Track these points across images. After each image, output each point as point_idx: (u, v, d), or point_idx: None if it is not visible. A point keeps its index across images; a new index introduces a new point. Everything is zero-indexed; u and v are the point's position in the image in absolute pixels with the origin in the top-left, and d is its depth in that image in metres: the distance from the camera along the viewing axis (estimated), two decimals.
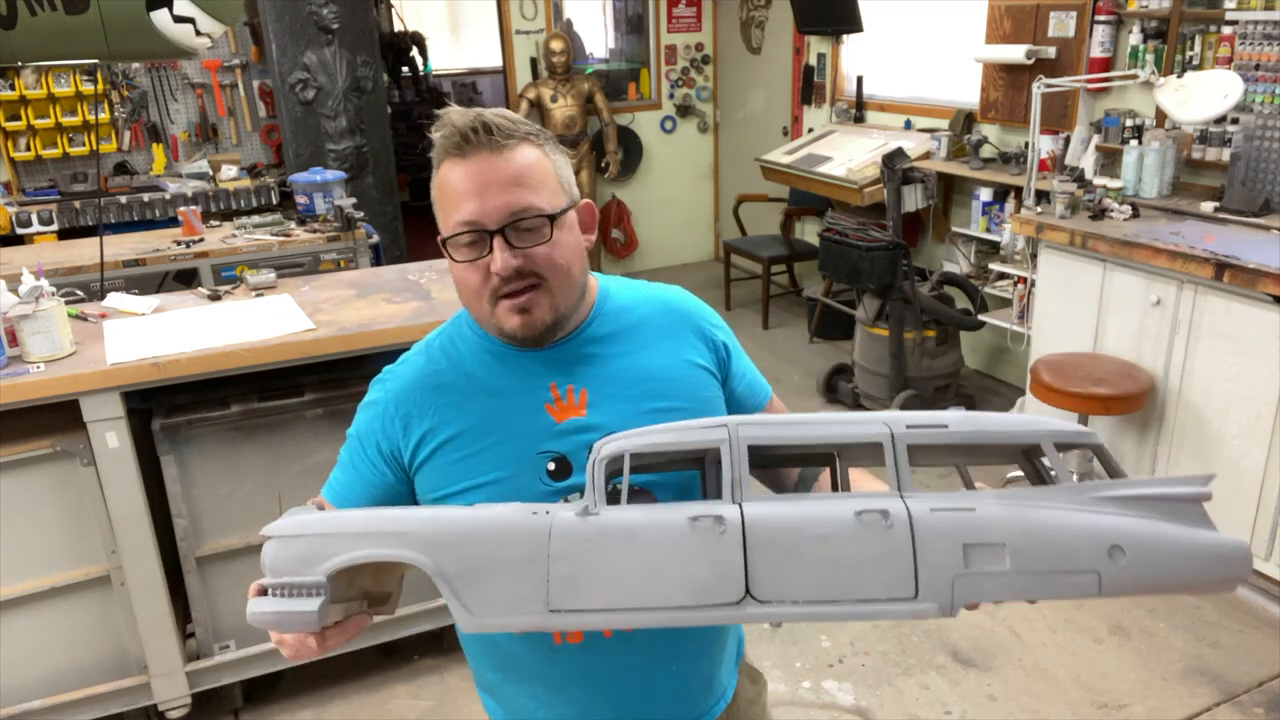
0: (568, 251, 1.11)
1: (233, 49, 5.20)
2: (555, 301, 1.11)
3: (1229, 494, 2.94)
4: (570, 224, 1.13)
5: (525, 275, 1.08)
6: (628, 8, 6.52)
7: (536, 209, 1.07)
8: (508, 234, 1.06)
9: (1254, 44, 3.24)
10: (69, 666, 2.37)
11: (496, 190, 1.06)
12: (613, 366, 1.18)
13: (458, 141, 1.07)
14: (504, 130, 1.07)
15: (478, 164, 1.06)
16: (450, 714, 2.59)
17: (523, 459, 1.14)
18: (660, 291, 1.29)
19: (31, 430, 2.22)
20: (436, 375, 1.21)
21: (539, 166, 1.09)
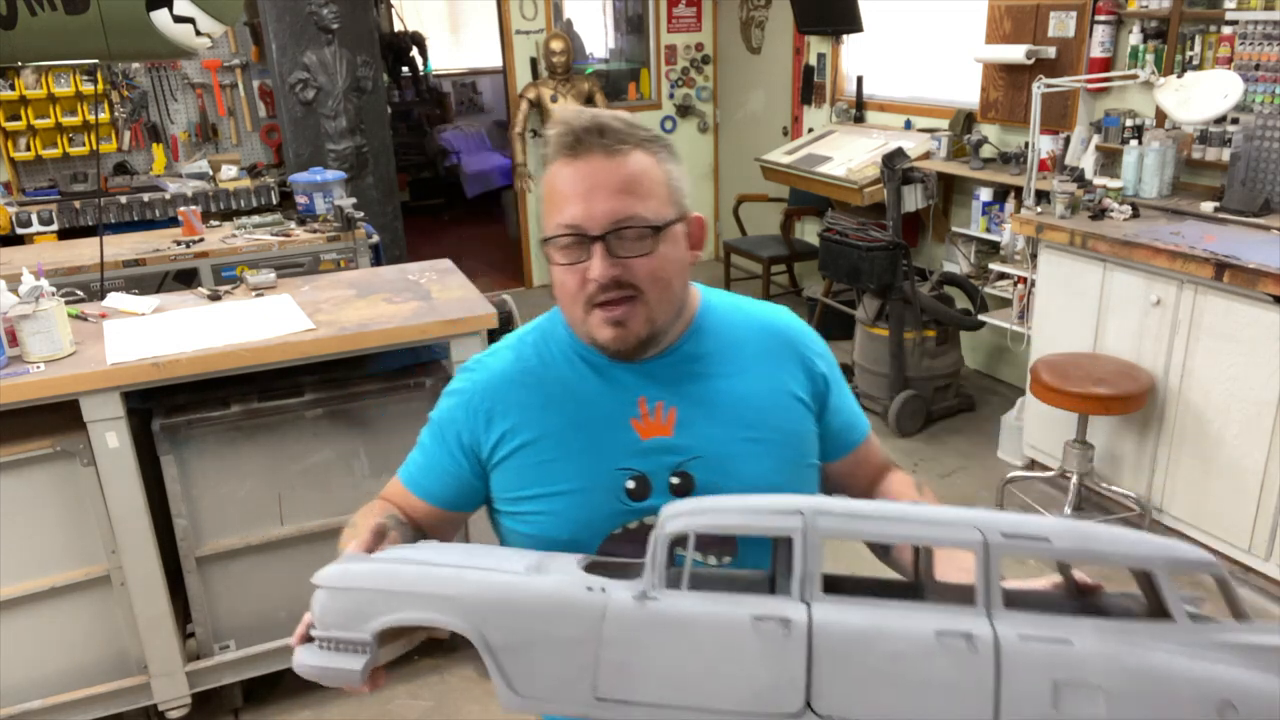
0: (670, 266, 1.08)
1: (233, 49, 5.20)
2: (651, 315, 1.08)
3: (1229, 494, 2.94)
4: (677, 237, 1.09)
5: (623, 286, 1.05)
6: (628, 8, 6.52)
7: (641, 219, 1.04)
8: (609, 241, 1.04)
9: (1254, 44, 3.24)
10: (69, 666, 2.37)
11: (603, 195, 1.03)
12: (706, 387, 1.14)
13: (571, 142, 1.04)
14: (618, 135, 1.05)
15: (588, 166, 1.04)
16: (450, 714, 2.59)
17: (602, 473, 1.11)
18: (765, 311, 1.24)
19: (31, 430, 2.22)
20: (525, 373, 1.18)
21: (650, 175, 1.06)
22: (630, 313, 1.06)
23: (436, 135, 8.54)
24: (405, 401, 2.51)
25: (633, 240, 1.04)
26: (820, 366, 1.21)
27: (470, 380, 1.21)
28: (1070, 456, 3.26)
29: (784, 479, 1.13)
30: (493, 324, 2.52)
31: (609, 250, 1.04)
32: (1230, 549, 2.97)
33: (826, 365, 1.22)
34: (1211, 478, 2.99)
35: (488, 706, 2.61)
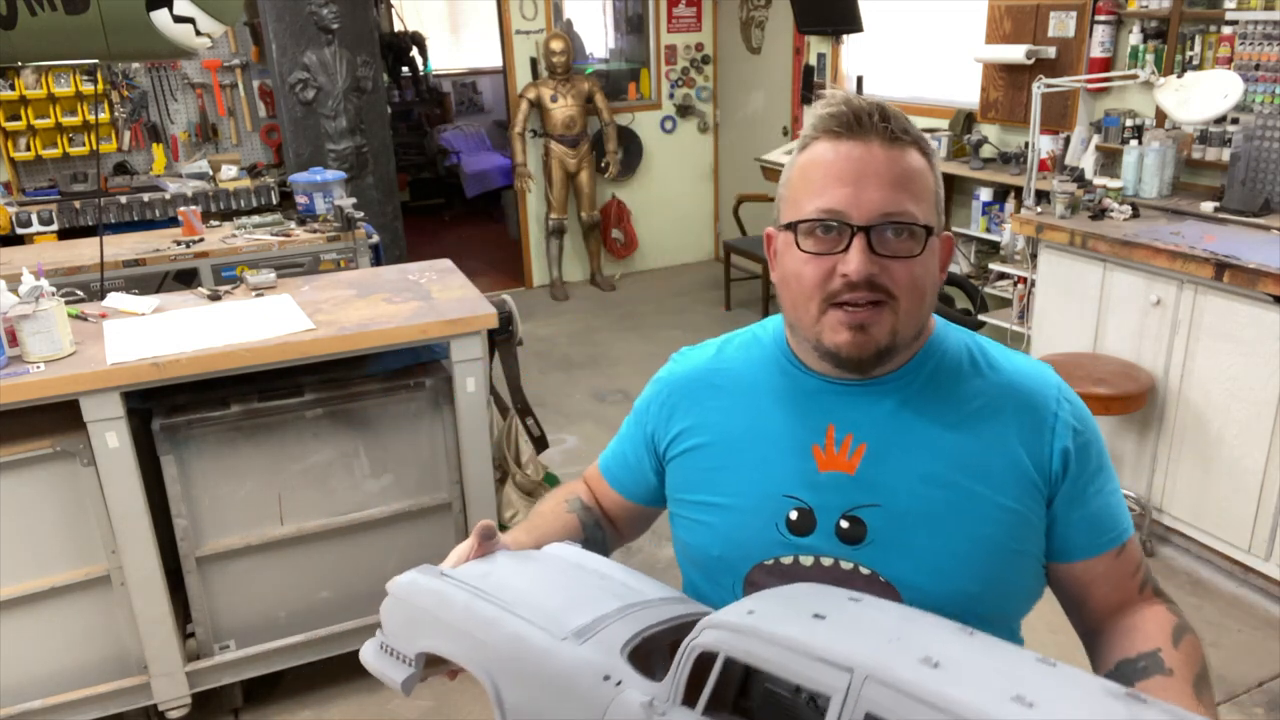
0: (928, 276, 0.97)
1: (233, 49, 5.20)
2: (897, 326, 0.95)
3: (1229, 494, 2.94)
4: (934, 249, 0.98)
5: (876, 288, 0.93)
6: (628, 8, 6.52)
7: (913, 217, 0.93)
8: (873, 235, 0.93)
9: (1254, 44, 3.24)
10: (69, 666, 2.37)
11: (877, 184, 0.92)
12: (911, 429, 1.00)
13: (848, 120, 0.93)
14: (902, 124, 0.95)
15: (864, 149, 0.93)
16: (450, 714, 2.59)
17: (767, 496, 1.02)
18: (1018, 364, 1.06)
19: (31, 430, 2.22)
20: (719, 373, 1.12)
21: (925, 178, 0.96)
22: (876, 317, 0.94)
23: (436, 135, 8.54)
24: (405, 401, 2.51)
25: (899, 240, 0.93)
26: (1068, 442, 1.00)
27: (667, 371, 1.18)
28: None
29: (979, 560, 0.98)
30: (493, 324, 2.52)
31: (870, 245, 0.93)
32: (1230, 549, 2.97)
33: (1078, 444, 1.01)
34: (1211, 478, 2.99)
35: (488, 706, 2.61)
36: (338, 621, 2.57)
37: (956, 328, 1.09)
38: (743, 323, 5.19)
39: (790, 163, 1.00)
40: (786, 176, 1.00)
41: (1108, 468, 1.05)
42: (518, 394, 2.77)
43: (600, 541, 1.23)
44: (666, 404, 1.15)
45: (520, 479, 2.76)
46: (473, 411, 2.53)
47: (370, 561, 2.59)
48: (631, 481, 1.22)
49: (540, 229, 6.29)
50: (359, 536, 2.55)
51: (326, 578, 2.56)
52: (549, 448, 2.90)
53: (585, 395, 4.66)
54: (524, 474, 2.77)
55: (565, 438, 4.18)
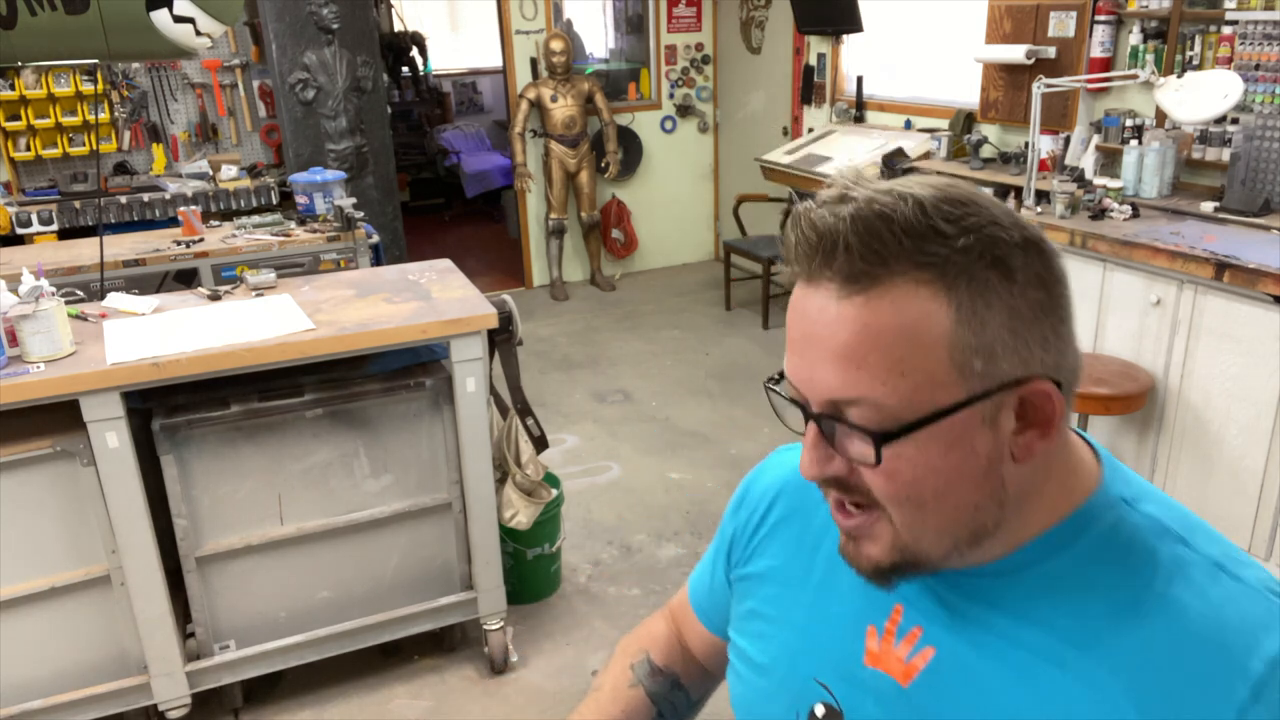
0: (928, 478, 0.64)
1: (233, 49, 5.20)
2: (899, 539, 0.67)
3: (1229, 494, 2.94)
4: (959, 431, 0.63)
5: (851, 489, 0.68)
6: (628, 8, 6.52)
7: (866, 406, 0.63)
8: (825, 426, 0.66)
9: (1254, 44, 3.24)
10: (69, 666, 2.37)
11: (818, 358, 0.65)
12: (1003, 652, 0.69)
13: (800, 253, 0.65)
14: (867, 255, 0.62)
15: (809, 302, 0.65)
16: (450, 714, 2.59)
17: (797, 672, 0.81)
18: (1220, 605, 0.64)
19: (31, 430, 2.22)
20: (807, 489, 0.85)
21: (918, 332, 0.61)
22: (865, 527, 0.69)
23: (436, 135, 8.54)
24: (405, 401, 2.51)
25: (848, 439, 0.66)
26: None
27: (764, 472, 0.94)
28: None
29: None
30: (493, 324, 2.52)
31: (824, 435, 0.67)
32: None
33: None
34: (1211, 478, 2.99)
35: (488, 707, 2.61)
36: (338, 621, 2.57)
37: (1145, 510, 0.70)
38: (744, 323, 5.19)
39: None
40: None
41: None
42: (518, 394, 2.77)
43: (681, 708, 1.03)
44: (748, 509, 0.93)
45: (520, 479, 2.76)
46: (473, 411, 2.53)
47: (370, 561, 2.59)
48: (718, 613, 0.97)
49: (540, 229, 6.29)
50: (359, 536, 2.56)
51: (326, 578, 2.56)
52: (549, 448, 2.90)
53: (585, 395, 4.66)
54: (524, 474, 2.77)
55: (565, 438, 4.18)
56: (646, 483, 3.79)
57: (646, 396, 4.61)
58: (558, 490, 2.95)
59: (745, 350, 5.13)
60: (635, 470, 3.90)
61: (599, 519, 3.54)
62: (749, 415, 4.35)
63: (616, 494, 3.72)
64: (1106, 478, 0.71)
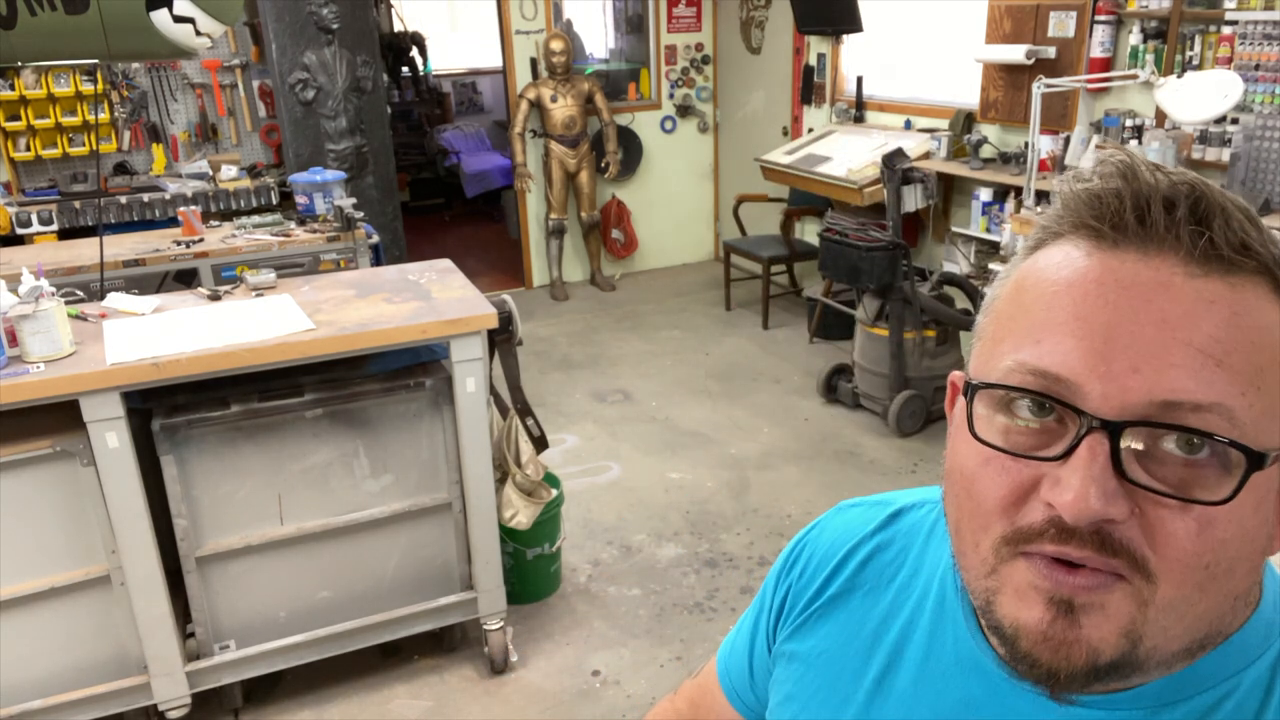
0: (1236, 544, 0.49)
1: (233, 49, 5.20)
2: (1140, 629, 0.49)
3: None
4: (1267, 490, 0.49)
5: (1113, 548, 0.48)
6: (628, 8, 6.52)
7: (1231, 420, 0.47)
8: (1127, 442, 0.48)
9: (1254, 44, 3.24)
10: (69, 666, 2.37)
11: (1157, 343, 0.47)
12: None
13: (1118, 211, 0.50)
14: (1234, 233, 0.49)
15: (1139, 271, 0.49)
16: (450, 714, 2.59)
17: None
18: None
19: (31, 430, 2.22)
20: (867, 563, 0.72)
21: (1272, 333, 0.48)
22: (1101, 596, 0.49)
23: (436, 135, 8.54)
24: (405, 401, 2.51)
25: (1185, 461, 0.48)
26: None
27: (818, 532, 0.78)
28: None
29: None
30: (493, 324, 2.52)
31: (1117, 462, 0.48)
32: None
33: None
34: None
35: (488, 706, 2.61)
36: (338, 621, 2.57)
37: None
38: (744, 323, 5.17)
39: (1003, 275, 0.57)
40: (992, 297, 0.56)
41: None
42: (518, 394, 2.77)
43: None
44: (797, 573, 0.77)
45: (520, 479, 2.76)
46: (473, 411, 2.53)
47: (370, 561, 2.59)
48: (756, 695, 0.81)
49: (540, 229, 6.29)
50: (359, 536, 2.56)
51: (326, 578, 2.56)
52: (549, 448, 2.90)
53: (585, 395, 4.66)
54: (524, 474, 2.77)
55: (565, 438, 4.18)
56: (646, 483, 3.79)
57: (646, 396, 4.61)
58: (558, 490, 2.95)
59: (745, 350, 5.13)
60: (635, 470, 3.90)
61: (599, 519, 3.54)
62: (749, 415, 4.35)
63: (616, 494, 3.73)
64: (1269, 587, 0.56)
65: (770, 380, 4.71)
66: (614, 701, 2.62)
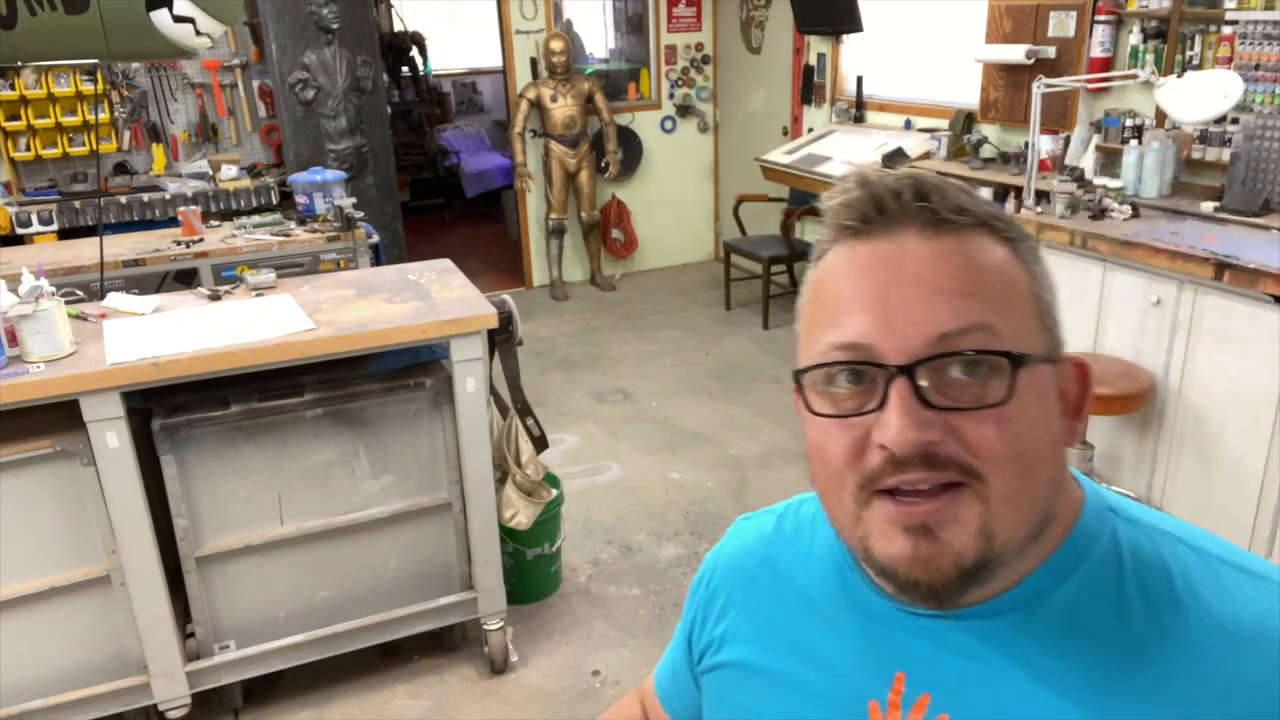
0: (1034, 435, 0.60)
1: (233, 49, 5.20)
2: (990, 523, 0.59)
3: (1229, 494, 2.94)
4: (1044, 387, 0.61)
5: (940, 464, 0.58)
6: (628, 8, 6.52)
7: (992, 334, 0.59)
8: (918, 377, 0.58)
9: (1254, 44, 3.24)
10: (69, 666, 2.37)
11: (920, 293, 0.59)
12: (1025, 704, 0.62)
13: (863, 211, 0.62)
14: (953, 202, 0.62)
15: (893, 249, 0.61)
16: (450, 714, 2.59)
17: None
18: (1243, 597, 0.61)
19: (31, 430, 2.22)
20: (770, 561, 0.80)
21: (1006, 273, 0.61)
22: (949, 510, 0.59)
23: (436, 135, 8.54)
24: (405, 401, 2.51)
25: (972, 377, 0.58)
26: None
27: (717, 549, 0.87)
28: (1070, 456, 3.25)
29: None
30: (493, 324, 2.52)
31: (919, 394, 0.58)
32: None
33: None
34: (1211, 478, 2.99)
35: (488, 707, 2.61)
36: (338, 621, 2.57)
37: (1127, 514, 0.67)
38: (744, 323, 5.17)
39: (801, 289, 0.68)
40: (798, 308, 0.68)
41: None
42: (518, 394, 2.77)
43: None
44: (702, 595, 0.85)
45: (520, 479, 2.76)
46: (473, 411, 2.53)
47: (370, 561, 2.59)
48: (682, 705, 0.90)
49: (540, 229, 6.29)
50: (359, 536, 2.56)
51: (326, 578, 2.56)
52: (549, 448, 2.90)
53: (585, 395, 4.66)
54: (524, 474, 2.77)
55: (565, 438, 4.18)
56: (646, 483, 3.79)
57: (646, 396, 4.61)
58: (558, 490, 2.95)
59: (745, 350, 5.13)
60: (635, 470, 3.90)
61: (599, 519, 3.54)
62: (749, 415, 4.35)
63: (616, 494, 3.73)
64: (1086, 486, 0.69)
65: (770, 380, 4.71)
66: (614, 701, 2.62)
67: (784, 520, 0.82)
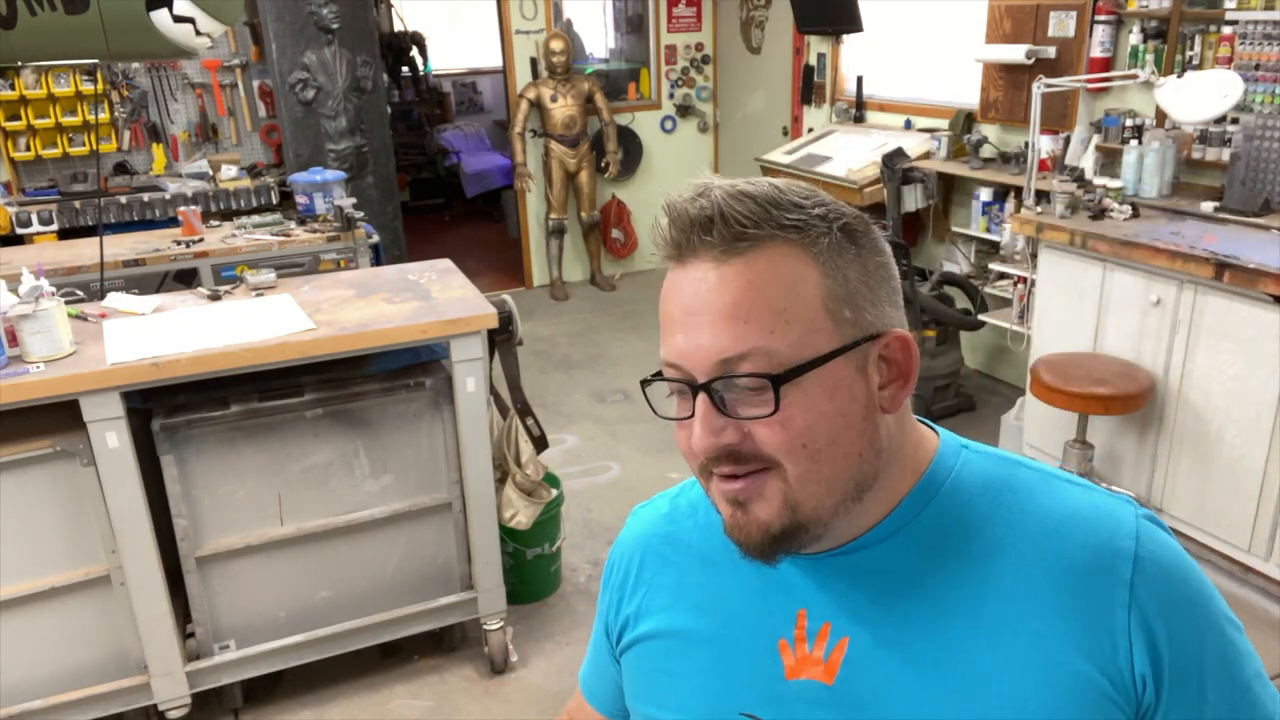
0: (825, 424, 0.69)
1: (233, 49, 5.20)
2: (794, 498, 0.70)
3: (1229, 494, 2.94)
4: (838, 377, 0.69)
5: (743, 459, 0.70)
6: (628, 8, 6.52)
7: (765, 356, 0.67)
8: (715, 391, 0.69)
9: (1254, 44, 3.24)
10: (69, 666, 2.37)
11: (709, 321, 0.68)
12: (908, 618, 0.73)
13: (670, 240, 0.71)
14: (741, 222, 0.68)
15: (689, 277, 0.70)
16: (450, 714, 2.59)
17: (718, 713, 0.79)
18: (1063, 502, 0.74)
19: (31, 430, 2.22)
20: (670, 538, 0.88)
21: (790, 283, 0.68)
22: (756, 489, 0.71)
23: (436, 135, 8.54)
24: (405, 401, 2.51)
25: (745, 394, 0.69)
26: (1154, 645, 0.69)
27: (620, 538, 0.93)
28: (1070, 456, 3.26)
29: None
30: (493, 324, 2.52)
31: (716, 404, 0.69)
32: (1230, 549, 2.97)
33: (1174, 649, 0.69)
34: (1211, 478, 2.99)
35: (488, 706, 2.61)
36: (338, 621, 2.57)
37: (978, 449, 0.79)
38: None
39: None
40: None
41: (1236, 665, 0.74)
42: (518, 394, 2.77)
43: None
44: (612, 581, 0.91)
45: (520, 479, 2.76)
46: (473, 411, 2.53)
47: (370, 561, 2.59)
48: (605, 693, 0.96)
49: (540, 229, 6.29)
50: (359, 536, 2.56)
51: (326, 578, 2.56)
52: (549, 448, 2.90)
53: (585, 395, 4.66)
54: (524, 474, 2.77)
55: (565, 438, 4.18)
56: (646, 483, 3.79)
57: None
58: (558, 490, 2.95)
59: None
60: (635, 470, 3.90)
61: (599, 519, 3.54)
62: None
63: (616, 494, 3.72)
64: (943, 434, 0.79)
65: None
66: None
67: (678, 500, 0.91)
